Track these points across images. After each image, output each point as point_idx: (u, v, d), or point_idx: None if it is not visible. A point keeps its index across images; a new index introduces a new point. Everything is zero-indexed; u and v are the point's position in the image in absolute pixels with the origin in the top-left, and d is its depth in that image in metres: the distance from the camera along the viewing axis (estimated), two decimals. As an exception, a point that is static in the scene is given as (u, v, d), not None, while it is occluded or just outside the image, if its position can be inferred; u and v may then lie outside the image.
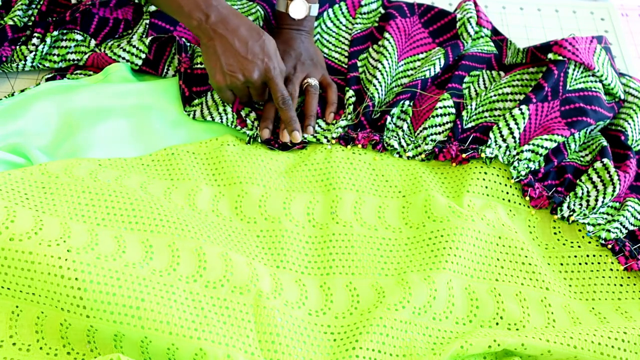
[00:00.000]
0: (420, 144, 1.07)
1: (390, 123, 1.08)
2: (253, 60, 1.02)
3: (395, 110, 1.08)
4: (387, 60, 1.14)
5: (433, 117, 1.08)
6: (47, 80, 1.12)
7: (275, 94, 1.04)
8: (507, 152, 1.04)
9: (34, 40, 1.13)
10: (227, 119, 1.07)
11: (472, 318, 0.91)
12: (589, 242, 1.00)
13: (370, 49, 1.18)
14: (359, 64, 1.16)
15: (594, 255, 0.99)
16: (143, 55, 1.12)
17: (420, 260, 0.95)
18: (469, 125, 1.08)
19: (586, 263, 0.98)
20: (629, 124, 1.10)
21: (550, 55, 1.11)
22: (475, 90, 1.13)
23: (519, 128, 1.05)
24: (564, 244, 1.00)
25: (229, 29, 1.02)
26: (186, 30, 1.17)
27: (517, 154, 1.03)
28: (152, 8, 1.17)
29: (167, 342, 0.80)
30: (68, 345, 0.83)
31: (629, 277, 0.97)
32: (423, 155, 1.07)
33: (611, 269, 0.98)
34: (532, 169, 1.03)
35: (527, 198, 1.03)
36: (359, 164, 1.05)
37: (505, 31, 1.33)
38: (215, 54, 1.02)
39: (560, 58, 1.10)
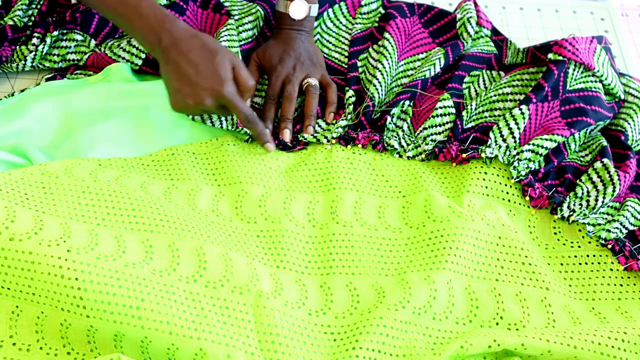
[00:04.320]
0: (420, 144, 1.07)
1: (390, 123, 1.08)
2: (204, 85, 0.96)
3: (395, 110, 1.08)
4: (387, 60, 1.14)
5: (433, 117, 1.08)
6: (47, 80, 1.12)
7: (238, 115, 1.00)
8: (507, 152, 1.04)
9: (34, 40, 1.13)
10: (226, 123, 1.07)
11: (472, 318, 0.91)
12: (589, 242, 1.00)
13: (370, 49, 1.18)
14: (359, 64, 1.16)
15: (594, 255, 0.99)
16: (143, 55, 1.12)
17: (420, 260, 0.95)
18: (469, 125, 1.08)
19: (586, 263, 0.98)
20: (629, 124, 1.10)
21: (550, 55, 1.11)
22: (475, 90, 1.13)
23: (519, 128, 1.05)
24: (564, 244, 1.00)
25: (180, 53, 0.96)
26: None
27: (517, 154, 1.03)
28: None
29: (167, 342, 0.80)
30: (68, 345, 0.83)
31: (629, 277, 0.97)
32: (423, 155, 1.07)
33: (611, 269, 0.98)
34: (532, 169, 1.03)
35: (527, 198, 1.03)
36: (359, 164, 1.05)
37: (505, 31, 1.33)
38: (170, 79, 0.98)
39: (560, 58, 1.10)
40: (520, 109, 1.06)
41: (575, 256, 0.99)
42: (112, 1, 0.98)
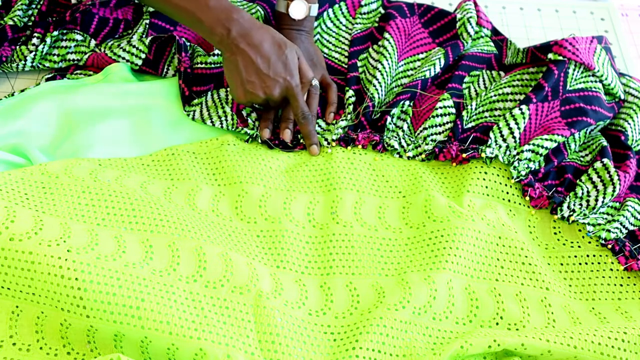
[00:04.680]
0: (420, 144, 1.07)
1: (390, 123, 1.08)
2: (275, 77, 1.01)
3: (395, 111, 1.08)
4: (387, 60, 1.14)
5: (433, 117, 1.08)
6: (47, 80, 1.12)
7: (296, 110, 1.04)
8: (507, 152, 1.04)
9: (34, 40, 1.13)
10: (227, 123, 1.07)
11: (472, 318, 0.91)
12: (589, 242, 1.00)
13: (370, 49, 1.18)
14: (359, 64, 1.16)
15: (594, 255, 0.99)
16: (143, 55, 1.12)
17: (420, 260, 0.95)
18: (469, 125, 1.08)
19: (586, 263, 0.98)
20: (629, 124, 1.10)
21: (550, 55, 1.11)
22: (475, 90, 1.13)
23: (519, 128, 1.05)
24: (564, 244, 1.00)
25: (251, 44, 1.00)
26: (186, 29, 1.17)
27: (517, 154, 1.03)
28: (152, 8, 1.17)
29: (167, 342, 0.80)
30: (68, 345, 0.83)
31: (629, 277, 0.97)
32: (423, 156, 1.07)
33: (611, 269, 0.98)
34: (532, 169, 1.03)
35: (527, 198, 1.03)
36: (359, 164, 1.05)
37: (505, 31, 1.33)
38: (237, 69, 1.01)
39: (561, 58, 1.10)
40: (521, 109, 1.06)
41: (575, 256, 0.99)
42: None
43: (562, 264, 0.99)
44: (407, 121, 1.09)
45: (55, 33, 1.13)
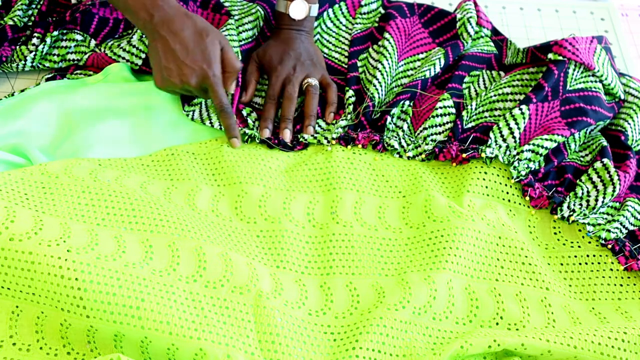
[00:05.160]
0: (420, 144, 1.07)
1: (390, 123, 1.08)
2: (191, 66, 0.99)
3: (395, 110, 1.08)
4: (387, 60, 1.14)
5: (433, 117, 1.08)
6: (47, 80, 1.12)
7: (215, 101, 1.02)
8: (507, 152, 1.04)
9: (34, 40, 1.13)
10: None
11: (472, 318, 0.91)
12: (589, 242, 1.00)
13: (370, 49, 1.18)
14: (359, 64, 1.16)
15: (594, 255, 0.99)
16: (143, 55, 1.12)
17: (420, 260, 0.95)
18: (469, 125, 1.08)
19: (586, 263, 0.98)
20: (629, 124, 1.10)
21: (550, 55, 1.11)
22: (475, 90, 1.13)
23: (519, 128, 1.05)
24: (564, 244, 1.00)
25: (171, 31, 0.99)
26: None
27: (517, 154, 1.03)
28: None
29: (167, 342, 0.80)
30: (68, 345, 0.83)
31: (629, 277, 0.97)
32: (423, 155, 1.07)
33: (611, 269, 0.98)
34: (532, 169, 1.03)
35: (527, 198, 1.03)
36: (359, 164, 1.05)
37: (505, 31, 1.33)
38: (157, 55, 1.00)
39: (561, 58, 1.10)
40: (521, 109, 1.06)
41: (575, 256, 0.99)
42: None
43: (562, 264, 0.99)
44: (407, 121, 1.09)
45: (55, 33, 1.13)
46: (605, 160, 1.04)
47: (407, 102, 1.09)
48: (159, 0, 1.00)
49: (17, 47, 1.14)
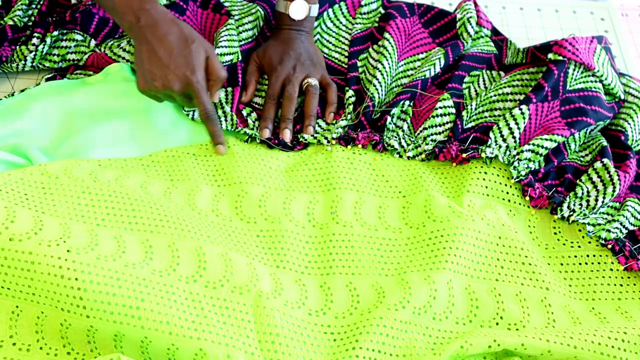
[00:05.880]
0: (420, 144, 1.07)
1: (390, 123, 1.08)
2: (174, 71, 0.98)
3: (395, 110, 1.08)
4: (387, 60, 1.14)
5: (433, 117, 1.08)
6: (47, 80, 1.12)
7: (199, 107, 1.01)
8: (507, 152, 1.04)
9: (34, 40, 1.13)
10: (226, 123, 1.07)
11: (472, 318, 0.91)
12: (589, 242, 1.00)
13: (370, 49, 1.18)
14: (359, 64, 1.16)
15: (594, 255, 0.99)
16: (143, 55, 1.12)
17: (420, 260, 0.95)
18: (469, 125, 1.08)
19: (586, 263, 0.98)
20: (629, 124, 1.10)
21: (550, 55, 1.11)
22: (475, 90, 1.13)
23: (519, 128, 1.05)
24: (564, 244, 1.00)
25: (156, 36, 0.99)
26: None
27: (517, 154, 1.03)
28: None
29: (167, 342, 0.80)
30: (68, 345, 0.83)
31: (629, 277, 0.97)
32: (423, 155, 1.07)
33: (611, 269, 0.98)
34: (532, 169, 1.03)
35: (527, 198, 1.03)
36: (359, 164, 1.05)
37: (505, 31, 1.33)
38: (141, 58, 1.00)
39: (560, 58, 1.10)
40: (520, 109, 1.06)
41: (575, 256, 0.99)
42: None
43: (562, 264, 0.99)
44: (407, 121, 1.09)
45: (55, 33, 1.13)
46: (605, 160, 1.04)
47: (407, 102, 1.09)
48: (146, 4, 1.00)
49: (17, 47, 1.14)
